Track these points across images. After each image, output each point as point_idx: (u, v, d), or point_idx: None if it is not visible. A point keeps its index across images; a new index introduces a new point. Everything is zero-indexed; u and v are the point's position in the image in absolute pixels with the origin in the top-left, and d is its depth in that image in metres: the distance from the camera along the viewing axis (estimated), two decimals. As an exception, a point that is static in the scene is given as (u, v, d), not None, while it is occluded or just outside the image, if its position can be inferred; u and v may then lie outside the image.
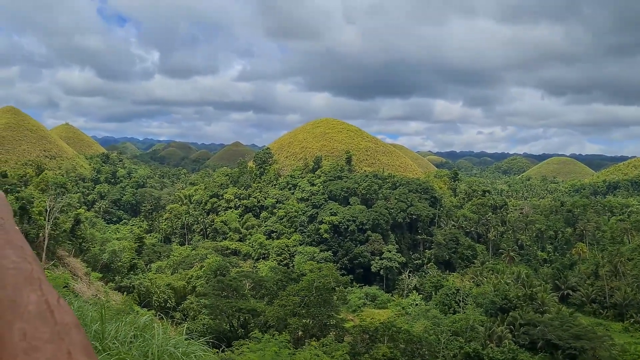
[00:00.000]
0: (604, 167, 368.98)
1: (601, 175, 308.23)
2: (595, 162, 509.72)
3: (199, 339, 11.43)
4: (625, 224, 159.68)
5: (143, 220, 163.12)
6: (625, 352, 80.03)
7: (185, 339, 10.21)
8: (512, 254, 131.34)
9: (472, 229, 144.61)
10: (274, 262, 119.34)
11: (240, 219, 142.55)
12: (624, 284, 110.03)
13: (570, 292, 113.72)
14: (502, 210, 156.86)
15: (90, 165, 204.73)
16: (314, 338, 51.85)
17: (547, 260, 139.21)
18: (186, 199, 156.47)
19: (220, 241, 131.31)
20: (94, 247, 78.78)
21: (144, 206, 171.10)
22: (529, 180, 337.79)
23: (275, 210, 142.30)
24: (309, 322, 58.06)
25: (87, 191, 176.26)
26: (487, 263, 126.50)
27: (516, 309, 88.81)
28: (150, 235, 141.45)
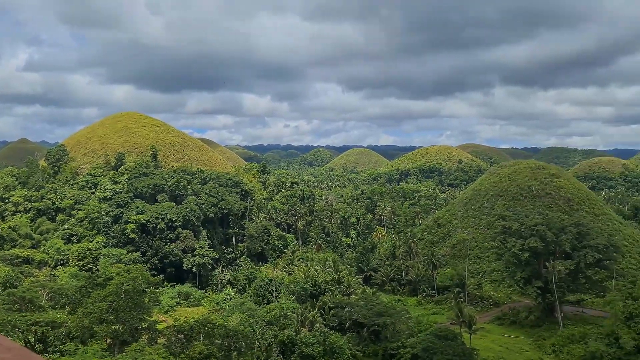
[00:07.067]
0: (397, 156, 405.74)
1: (394, 164, 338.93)
2: (390, 152, 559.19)
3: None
4: (416, 207, 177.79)
5: None
6: (419, 323, 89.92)
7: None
8: (319, 241, 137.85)
9: (283, 220, 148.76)
10: (75, 267, 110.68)
11: (32, 224, 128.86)
12: (417, 262, 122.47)
13: (373, 273, 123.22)
14: (309, 200, 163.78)
15: None
16: (124, 344, 48.60)
17: (351, 245, 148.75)
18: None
19: (8, 249, 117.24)
20: None
21: None
22: (332, 170, 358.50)
23: (74, 212, 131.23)
24: (119, 327, 54.40)
25: None
26: (298, 252, 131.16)
27: (325, 294, 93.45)
28: None
